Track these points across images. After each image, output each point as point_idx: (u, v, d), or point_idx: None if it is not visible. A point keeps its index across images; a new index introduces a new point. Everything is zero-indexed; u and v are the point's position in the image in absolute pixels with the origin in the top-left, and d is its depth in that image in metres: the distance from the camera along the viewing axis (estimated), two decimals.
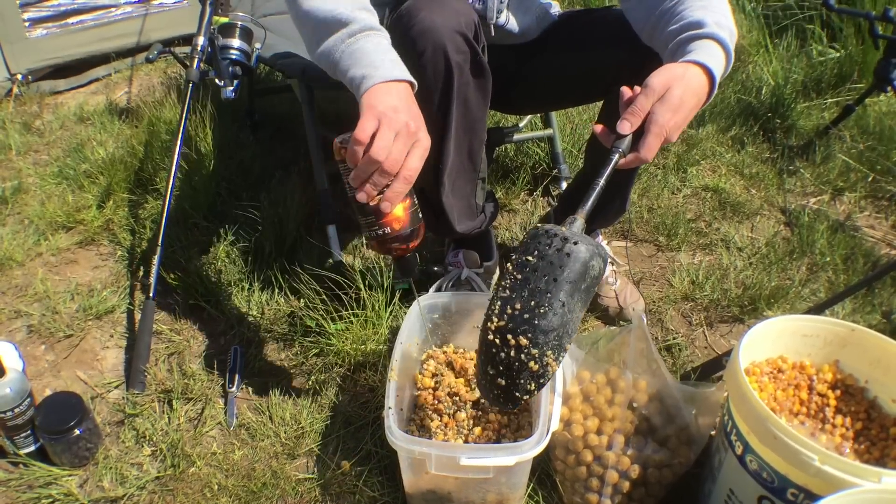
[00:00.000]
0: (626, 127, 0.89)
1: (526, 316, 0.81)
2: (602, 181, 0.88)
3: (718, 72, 0.92)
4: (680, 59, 0.92)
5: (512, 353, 0.82)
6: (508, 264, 0.86)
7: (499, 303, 0.84)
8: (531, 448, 0.93)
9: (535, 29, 1.32)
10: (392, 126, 0.84)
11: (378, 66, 0.89)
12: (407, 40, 1.02)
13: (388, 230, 0.92)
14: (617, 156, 0.89)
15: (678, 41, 0.97)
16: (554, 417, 0.97)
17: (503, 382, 0.84)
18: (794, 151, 2.03)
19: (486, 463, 0.92)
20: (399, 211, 0.92)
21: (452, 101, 1.06)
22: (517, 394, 0.84)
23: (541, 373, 0.83)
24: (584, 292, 0.83)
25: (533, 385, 0.83)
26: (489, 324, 0.85)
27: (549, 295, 0.80)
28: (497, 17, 1.23)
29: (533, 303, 0.81)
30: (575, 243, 0.81)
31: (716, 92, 0.94)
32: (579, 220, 0.86)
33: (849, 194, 1.89)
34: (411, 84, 0.92)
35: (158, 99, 2.09)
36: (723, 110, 2.16)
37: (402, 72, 0.91)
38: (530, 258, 0.83)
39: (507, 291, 0.83)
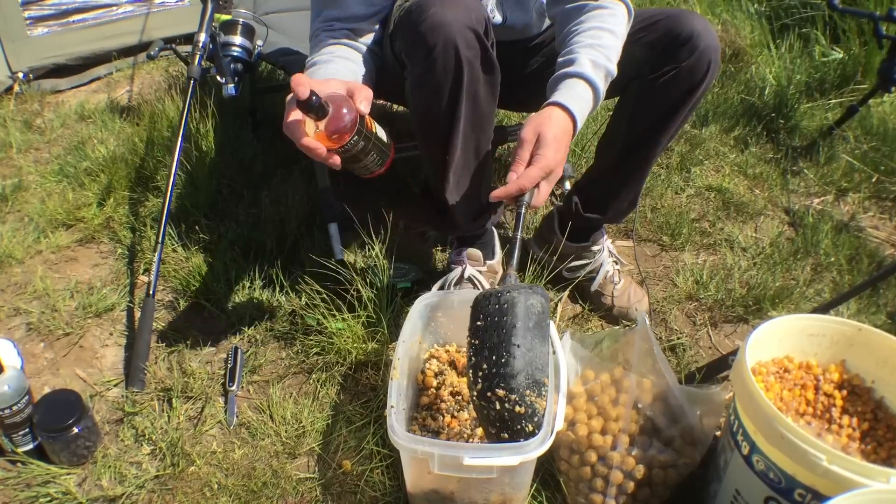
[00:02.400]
0: (512, 176, 0.99)
1: (494, 370, 0.89)
2: (520, 234, 0.98)
3: (580, 111, 1.03)
4: (548, 99, 1.04)
5: (498, 407, 0.89)
6: (467, 337, 0.94)
7: (470, 372, 0.91)
8: (535, 448, 0.91)
9: (537, 24, 1.31)
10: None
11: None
12: (417, 35, 1.01)
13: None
14: (523, 208, 0.99)
15: (554, 77, 1.08)
16: (558, 417, 0.96)
17: (506, 436, 0.91)
18: (797, 152, 2.02)
19: (490, 463, 0.90)
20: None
21: (462, 98, 1.06)
22: (521, 439, 0.91)
23: (530, 413, 0.90)
24: (534, 329, 0.92)
25: (530, 426, 0.90)
26: (472, 393, 0.92)
27: (504, 345, 0.89)
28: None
29: (494, 357, 0.89)
30: (508, 293, 0.91)
31: (580, 127, 1.05)
32: (511, 275, 0.96)
33: (853, 195, 1.88)
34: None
35: (160, 97, 2.08)
36: (726, 110, 2.15)
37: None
38: (479, 322, 0.92)
39: (473, 358, 0.91)
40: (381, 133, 1.00)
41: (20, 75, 2.27)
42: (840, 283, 1.56)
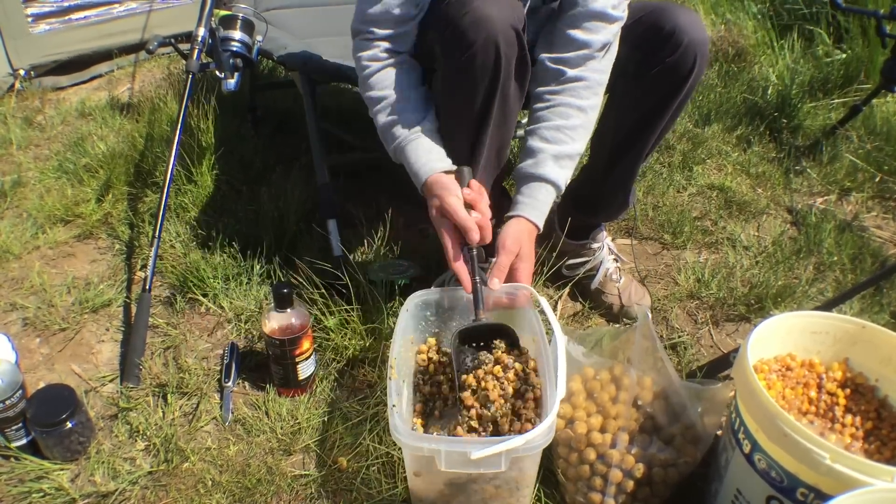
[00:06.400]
0: (495, 284, 1.05)
1: None
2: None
3: (544, 217, 1.12)
4: (514, 209, 1.11)
5: None
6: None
7: None
8: (542, 435, 0.88)
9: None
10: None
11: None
12: (457, 29, 0.98)
13: None
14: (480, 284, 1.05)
15: (518, 172, 1.14)
16: (560, 387, 0.92)
17: None
18: (800, 151, 2.01)
19: (497, 449, 0.85)
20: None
21: (496, 95, 1.03)
22: None
23: None
24: None
25: None
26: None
27: None
28: None
29: None
30: None
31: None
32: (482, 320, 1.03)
33: (856, 194, 1.86)
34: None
35: (160, 94, 2.08)
36: (728, 109, 2.14)
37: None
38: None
39: None
40: None
41: (21, 72, 2.27)
42: (843, 283, 1.54)
